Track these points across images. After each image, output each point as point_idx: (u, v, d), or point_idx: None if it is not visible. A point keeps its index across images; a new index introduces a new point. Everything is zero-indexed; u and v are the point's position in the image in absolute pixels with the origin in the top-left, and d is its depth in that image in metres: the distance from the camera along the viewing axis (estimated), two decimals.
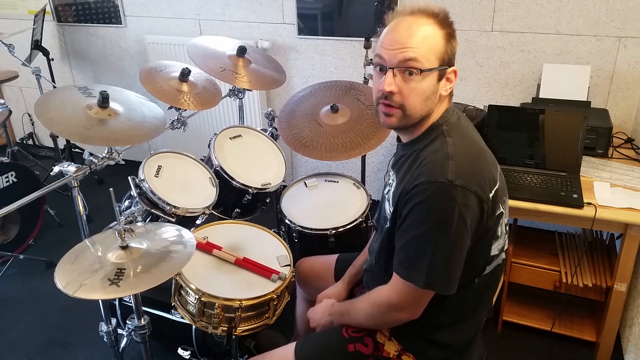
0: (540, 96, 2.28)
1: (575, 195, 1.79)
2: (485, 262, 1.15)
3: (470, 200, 1.03)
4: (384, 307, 1.18)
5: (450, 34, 1.08)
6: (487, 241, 1.12)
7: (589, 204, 1.75)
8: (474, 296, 1.19)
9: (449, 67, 1.10)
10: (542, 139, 1.96)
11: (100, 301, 1.72)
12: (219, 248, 1.61)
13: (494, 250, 1.14)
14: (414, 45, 1.05)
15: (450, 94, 1.16)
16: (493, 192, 1.08)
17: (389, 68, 1.08)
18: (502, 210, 1.12)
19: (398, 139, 1.24)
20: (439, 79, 1.10)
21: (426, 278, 1.06)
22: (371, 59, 2.19)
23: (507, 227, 1.20)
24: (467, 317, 1.22)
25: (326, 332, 1.38)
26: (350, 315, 1.28)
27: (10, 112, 3.09)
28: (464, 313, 1.20)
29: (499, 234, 1.14)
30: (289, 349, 1.35)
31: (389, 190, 1.24)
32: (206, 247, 1.61)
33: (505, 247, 1.21)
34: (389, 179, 1.27)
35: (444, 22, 1.07)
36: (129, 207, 1.75)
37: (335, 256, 1.67)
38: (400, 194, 1.10)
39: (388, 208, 1.20)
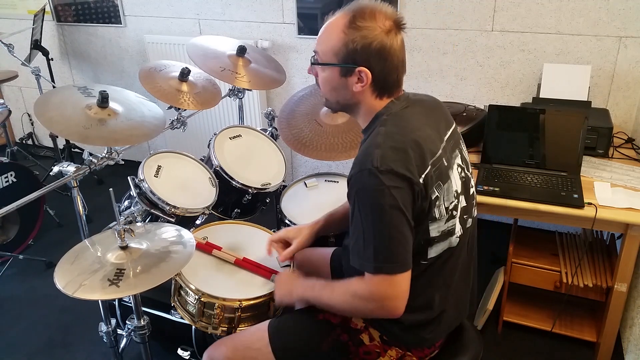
0: (540, 96, 2.27)
1: (575, 195, 1.78)
2: (426, 243, 1.18)
3: (398, 183, 1.09)
4: (357, 299, 1.19)
5: (350, 35, 1.14)
6: (424, 222, 1.16)
7: (590, 204, 1.75)
8: (422, 277, 1.21)
9: (350, 65, 1.16)
10: (542, 139, 1.95)
11: (99, 301, 1.72)
12: (219, 248, 1.61)
13: (434, 232, 1.18)
14: (319, 40, 1.21)
15: (389, 88, 1.20)
16: (423, 176, 1.13)
17: None
18: (437, 194, 1.16)
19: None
20: (343, 74, 1.18)
21: (374, 263, 1.11)
22: None
23: (454, 212, 1.22)
24: (419, 297, 1.22)
25: (299, 310, 1.42)
26: (323, 292, 1.27)
27: (10, 112, 3.10)
28: (414, 293, 1.19)
29: (437, 216, 1.17)
30: (263, 325, 1.39)
31: None
32: (206, 248, 1.61)
33: (458, 233, 1.23)
34: None
35: (351, 23, 1.14)
36: (128, 207, 1.74)
37: (331, 249, 1.68)
38: (347, 181, 1.18)
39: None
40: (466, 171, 1.29)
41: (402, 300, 1.15)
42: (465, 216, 1.26)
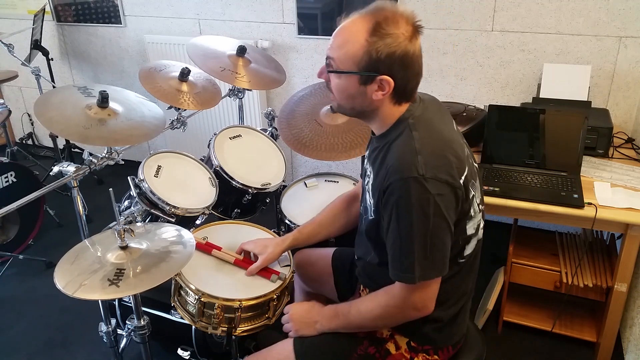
0: (540, 96, 2.27)
1: (575, 195, 1.78)
2: (464, 242, 1.20)
3: (443, 190, 1.09)
4: (392, 308, 1.20)
5: (373, 44, 1.09)
6: (464, 222, 1.18)
7: (590, 204, 1.75)
8: (458, 275, 1.24)
9: (372, 74, 1.12)
10: (542, 139, 1.95)
11: (99, 301, 1.72)
12: (219, 248, 1.61)
13: (470, 230, 1.20)
14: (335, 46, 1.15)
15: (407, 95, 1.18)
16: (463, 177, 1.13)
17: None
18: (473, 192, 1.17)
19: (372, 132, 1.29)
20: (362, 82, 1.14)
21: (417, 272, 1.11)
22: None
23: (481, 207, 1.25)
24: (455, 293, 1.27)
25: None
26: (350, 316, 1.28)
27: (10, 112, 3.09)
28: (451, 290, 1.25)
29: (473, 213, 1.19)
30: (287, 343, 1.37)
31: (368, 181, 1.28)
32: (205, 248, 1.61)
33: (482, 225, 1.27)
34: (367, 171, 1.31)
35: (375, 31, 1.09)
36: (128, 207, 1.74)
37: (332, 249, 1.68)
38: (379, 190, 1.15)
39: (369, 199, 1.25)
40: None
41: (433, 301, 1.17)
42: (483, 207, 1.29)
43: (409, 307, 1.18)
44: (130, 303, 1.54)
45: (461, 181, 1.12)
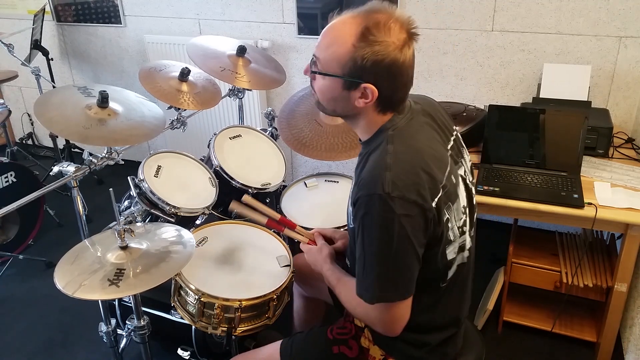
0: (540, 96, 2.27)
1: (575, 195, 1.78)
2: (445, 267, 1.15)
3: (410, 210, 1.02)
4: (362, 316, 1.19)
5: (360, 50, 1.02)
6: (440, 247, 1.11)
7: (590, 204, 1.74)
8: (444, 298, 1.20)
9: (356, 80, 1.05)
10: (542, 138, 1.95)
11: (99, 301, 1.72)
12: (293, 226, 1.54)
13: (450, 254, 1.15)
14: (322, 46, 1.08)
15: (394, 104, 1.12)
16: (436, 200, 1.06)
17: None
18: (447, 216, 1.10)
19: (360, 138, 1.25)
20: (346, 87, 1.07)
21: (374, 292, 1.07)
22: None
23: (464, 229, 1.18)
24: (443, 317, 1.23)
25: (311, 332, 1.40)
26: (336, 289, 1.28)
27: (10, 112, 3.09)
28: (439, 314, 1.22)
29: (452, 238, 1.13)
30: (275, 347, 1.37)
31: (351, 189, 1.24)
32: (277, 226, 1.53)
33: (468, 247, 1.21)
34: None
35: (363, 36, 1.01)
36: (128, 207, 1.74)
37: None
38: (353, 201, 1.11)
39: (349, 206, 1.20)
40: (469, 181, 1.24)
41: (401, 324, 1.12)
42: (472, 228, 1.24)
43: (374, 324, 1.15)
44: (130, 303, 1.54)
45: (433, 204, 1.05)
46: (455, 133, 1.25)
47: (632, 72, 2.29)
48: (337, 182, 2.10)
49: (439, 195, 1.07)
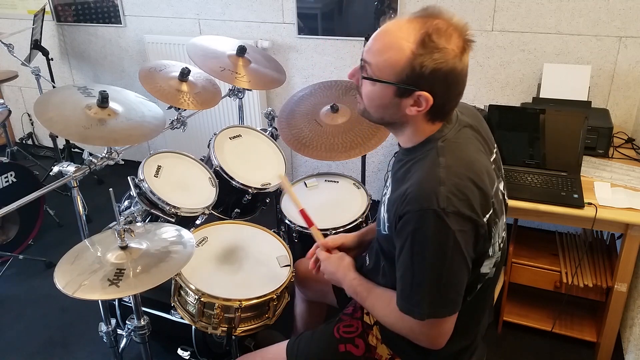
0: (540, 96, 2.27)
1: (575, 195, 1.78)
2: (476, 280, 1.13)
3: (465, 226, 1.00)
4: (400, 329, 1.14)
5: (420, 57, 0.98)
6: (481, 261, 1.10)
7: (590, 204, 1.74)
8: (469, 308, 1.18)
9: (411, 88, 1.01)
10: (542, 138, 1.95)
11: (99, 301, 1.72)
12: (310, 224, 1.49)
13: (485, 269, 1.12)
14: (375, 50, 1.04)
15: (444, 114, 1.08)
16: (487, 216, 1.04)
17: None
18: (494, 231, 1.09)
19: (398, 144, 1.21)
20: (398, 94, 1.04)
21: (425, 309, 1.03)
22: None
23: (501, 245, 1.17)
24: (465, 326, 1.20)
25: (317, 331, 1.39)
26: (366, 303, 1.22)
27: (10, 112, 3.09)
28: (460, 324, 1.17)
29: (491, 253, 1.11)
30: (281, 347, 1.36)
31: (385, 193, 1.21)
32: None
33: (499, 262, 1.19)
34: (386, 182, 1.25)
35: (423, 43, 0.97)
36: (128, 207, 1.74)
37: None
38: (395, 214, 1.06)
39: (383, 212, 1.17)
40: (506, 196, 1.22)
41: (445, 338, 1.09)
42: (504, 245, 1.22)
43: (418, 339, 1.10)
44: (130, 303, 1.54)
45: (485, 219, 1.03)
46: (496, 148, 1.23)
47: (632, 72, 2.29)
48: (337, 182, 2.10)
49: (490, 211, 1.05)
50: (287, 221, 1.89)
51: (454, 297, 1.04)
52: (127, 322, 1.57)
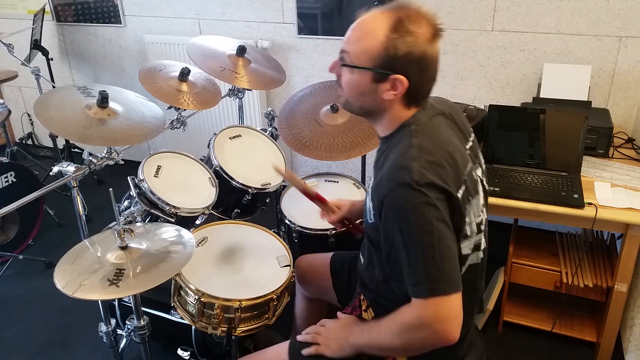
0: (540, 96, 2.27)
1: (575, 195, 1.78)
2: (460, 262, 1.12)
3: (439, 195, 1.04)
4: (411, 330, 1.09)
5: (393, 40, 1.05)
6: (457, 240, 1.11)
7: (590, 204, 1.74)
8: None
9: (387, 72, 1.07)
10: (542, 138, 1.95)
11: (99, 301, 1.72)
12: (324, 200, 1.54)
13: (465, 250, 1.14)
14: (352, 39, 1.10)
15: (419, 98, 1.14)
16: (460, 191, 1.08)
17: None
18: (467, 209, 1.11)
19: (378, 135, 1.25)
20: (376, 80, 1.09)
21: (427, 285, 1.02)
22: None
23: (481, 227, 1.18)
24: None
25: None
26: (372, 332, 1.18)
27: (10, 112, 3.09)
28: None
29: (469, 233, 1.13)
30: (282, 348, 1.35)
31: (369, 185, 1.24)
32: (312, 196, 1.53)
33: (483, 247, 1.20)
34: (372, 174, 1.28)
35: (396, 27, 1.05)
36: (128, 207, 1.74)
37: (330, 254, 1.67)
38: (378, 199, 1.09)
39: (368, 202, 1.19)
40: (485, 183, 1.25)
41: (458, 323, 1.04)
42: (487, 228, 1.23)
43: (425, 326, 1.05)
44: (130, 303, 1.54)
45: (458, 194, 1.07)
46: (473, 137, 1.27)
47: (632, 72, 2.29)
48: (337, 182, 2.10)
49: (462, 187, 1.09)
50: (287, 221, 1.89)
51: (453, 270, 1.04)
52: (127, 322, 1.57)
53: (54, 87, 3.15)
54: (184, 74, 1.98)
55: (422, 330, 1.06)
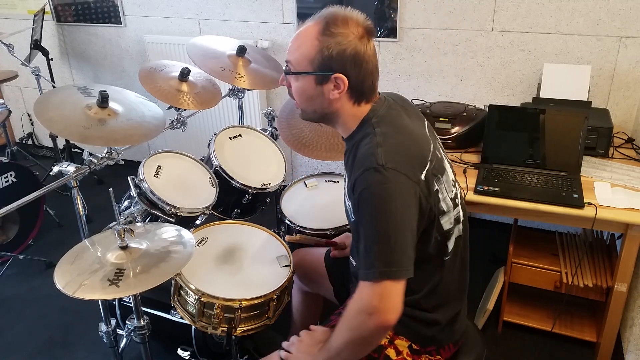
0: (540, 96, 2.27)
1: (575, 195, 1.78)
2: (444, 238, 1.20)
3: (404, 183, 1.08)
4: (355, 316, 1.10)
5: (324, 42, 1.13)
6: (436, 218, 1.16)
7: (590, 204, 1.74)
8: (448, 272, 1.24)
9: (326, 72, 1.14)
10: (542, 138, 1.95)
11: (99, 301, 1.72)
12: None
13: (446, 225, 1.20)
14: (292, 50, 1.20)
15: (366, 94, 1.19)
16: (424, 173, 1.13)
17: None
18: (437, 187, 1.16)
19: (343, 138, 1.29)
20: (318, 82, 1.17)
21: (378, 268, 1.05)
22: None
23: (457, 201, 1.24)
24: (448, 293, 1.26)
25: None
26: (331, 341, 1.16)
27: (10, 112, 3.10)
28: (445, 289, 1.24)
29: (445, 209, 1.19)
30: (276, 354, 1.32)
31: (344, 185, 1.29)
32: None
33: (462, 219, 1.26)
34: (345, 176, 1.32)
35: (324, 30, 1.13)
36: (128, 207, 1.74)
37: (325, 249, 1.69)
38: (353, 190, 1.14)
39: (347, 202, 1.25)
40: (448, 159, 1.30)
41: (396, 310, 1.05)
42: (463, 202, 1.30)
43: (368, 310, 1.06)
44: (130, 303, 1.54)
45: (422, 176, 1.12)
46: (426, 122, 1.32)
47: (632, 72, 2.29)
48: (337, 182, 2.10)
49: (427, 167, 1.14)
50: (287, 221, 1.89)
51: (405, 258, 1.06)
52: (127, 322, 1.57)
53: (54, 87, 3.16)
54: (184, 74, 1.98)
55: (365, 313, 1.06)
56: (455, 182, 1.27)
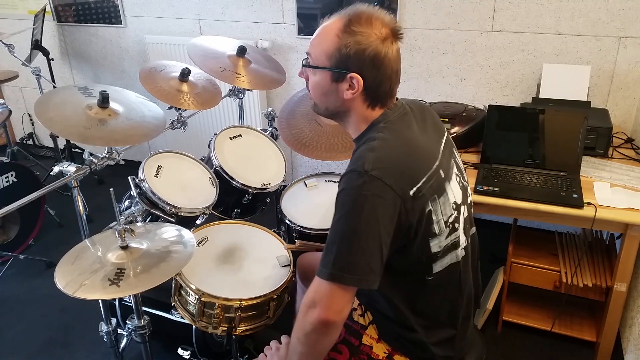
0: (540, 96, 2.28)
1: (575, 195, 1.79)
2: (429, 259, 1.13)
3: (384, 193, 1.03)
4: (301, 310, 1.09)
5: (344, 40, 1.10)
6: (421, 238, 1.10)
7: (589, 204, 1.75)
8: (436, 294, 1.18)
9: (342, 70, 1.12)
10: (542, 139, 1.96)
11: (100, 301, 1.72)
12: None
13: (434, 248, 1.13)
14: (313, 43, 1.17)
15: (381, 98, 1.15)
16: (414, 189, 1.07)
17: None
18: (430, 208, 1.10)
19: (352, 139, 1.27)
20: (334, 79, 1.14)
21: (330, 269, 1.03)
22: None
23: (456, 225, 1.17)
24: (437, 315, 1.21)
25: None
26: (290, 346, 1.16)
27: (10, 112, 3.09)
28: (434, 311, 1.19)
29: (437, 231, 1.12)
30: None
31: None
32: None
33: (463, 245, 1.20)
34: None
35: (345, 27, 1.10)
36: (129, 207, 1.75)
37: None
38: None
39: None
40: (463, 179, 1.26)
41: (339, 315, 1.05)
42: (468, 226, 1.23)
43: (309, 304, 1.05)
44: (131, 303, 1.54)
45: (411, 192, 1.05)
46: (446, 135, 1.27)
47: (631, 72, 2.30)
48: (337, 182, 2.10)
49: (420, 184, 1.08)
50: (287, 221, 1.90)
51: (362, 267, 1.03)
52: (127, 321, 1.58)
53: (54, 87, 3.16)
54: (185, 75, 1.98)
55: (307, 306, 1.06)
56: (459, 205, 1.19)
